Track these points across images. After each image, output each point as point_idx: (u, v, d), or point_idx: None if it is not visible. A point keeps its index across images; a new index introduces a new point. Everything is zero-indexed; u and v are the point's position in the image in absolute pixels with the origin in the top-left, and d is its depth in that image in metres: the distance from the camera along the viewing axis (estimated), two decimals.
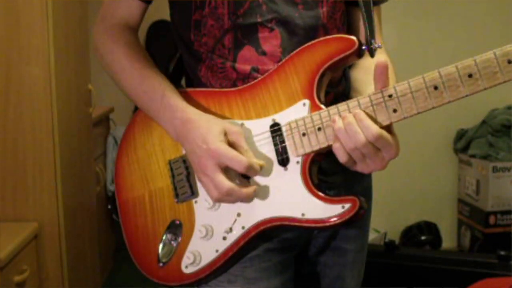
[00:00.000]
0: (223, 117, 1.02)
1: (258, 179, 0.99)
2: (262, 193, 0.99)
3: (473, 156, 3.32)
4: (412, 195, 3.49)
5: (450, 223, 3.54)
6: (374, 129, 0.89)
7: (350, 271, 1.17)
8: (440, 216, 3.47)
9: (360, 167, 0.93)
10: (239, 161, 0.93)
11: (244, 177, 0.98)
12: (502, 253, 2.41)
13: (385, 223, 3.07)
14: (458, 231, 3.52)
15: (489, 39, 3.23)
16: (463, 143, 3.40)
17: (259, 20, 1.02)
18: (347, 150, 0.91)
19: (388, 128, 0.92)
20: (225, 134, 0.96)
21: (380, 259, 2.51)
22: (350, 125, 0.90)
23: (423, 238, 3.32)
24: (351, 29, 1.13)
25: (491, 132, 3.28)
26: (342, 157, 0.92)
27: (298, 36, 1.03)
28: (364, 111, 0.91)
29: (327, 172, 1.05)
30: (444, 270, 2.46)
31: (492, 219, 3.22)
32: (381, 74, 0.90)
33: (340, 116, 0.92)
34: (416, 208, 3.48)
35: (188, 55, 1.10)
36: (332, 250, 1.14)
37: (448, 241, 3.47)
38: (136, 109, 1.13)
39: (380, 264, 2.48)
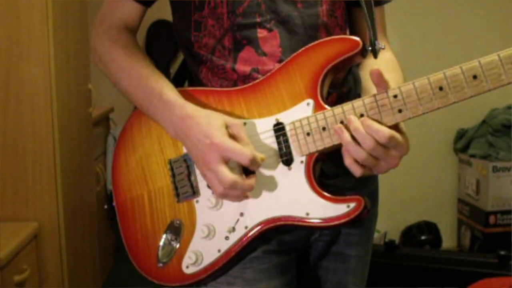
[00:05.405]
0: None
1: (262, 178, 0.98)
2: (266, 192, 0.98)
3: (473, 156, 3.32)
4: (412, 195, 3.49)
5: (450, 223, 3.53)
6: (385, 131, 0.88)
7: (352, 277, 1.16)
8: (440, 216, 3.47)
9: (376, 170, 0.93)
10: (243, 154, 0.92)
11: (246, 174, 0.97)
12: (502, 253, 2.41)
13: (385, 223, 3.06)
14: (458, 231, 3.52)
15: (490, 40, 3.22)
16: (463, 143, 3.40)
17: (258, 20, 1.02)
18: (360, 161, 0.91)
19: (397, 127, 0.92)
20: (226, 127, 0.96)
21: (380, 259, 2.50)
22: (356, 131, 0.90)
23: (423, 238, 3.32)
24: (354, 29, 1.13)
25: (491, 132, 3.27)
26: (357, 172, 0.92)
27: (298, 35, 1.03)
28: (371, 118, 0.91)
29: (329, 176, 1.04)
30: (444, 270, 2.46)
31: (492, 219, 3.22)
32: (379, 82, 0.91)
33: (344, 122, 0.92)
34: (416, 208, 3.47)
35: (189, 56, 1.10)
36: (333, 255, 1.13)
37: (448, 241, 3.47)
38: (135, 109, 1.12)
39: (380, 264, 2.48)
